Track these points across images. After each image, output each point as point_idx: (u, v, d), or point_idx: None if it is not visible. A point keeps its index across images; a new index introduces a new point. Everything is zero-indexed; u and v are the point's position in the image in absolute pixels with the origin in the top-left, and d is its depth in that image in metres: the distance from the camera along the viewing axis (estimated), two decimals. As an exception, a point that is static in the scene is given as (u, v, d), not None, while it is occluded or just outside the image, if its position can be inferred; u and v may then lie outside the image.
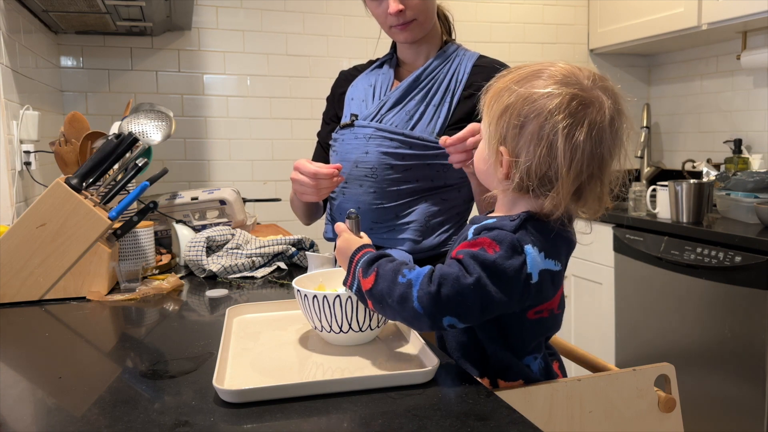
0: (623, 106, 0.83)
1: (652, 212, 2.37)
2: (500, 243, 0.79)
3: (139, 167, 1.43)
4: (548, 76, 0.81)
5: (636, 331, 2.38)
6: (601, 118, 0.79)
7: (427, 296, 0.76)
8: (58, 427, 0.71)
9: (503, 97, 0.82)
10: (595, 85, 0.81)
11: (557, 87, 0.79)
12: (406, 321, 0.80)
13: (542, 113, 0.79)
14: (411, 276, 0.79)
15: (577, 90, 0.79)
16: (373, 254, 0.85)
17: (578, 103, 0.79)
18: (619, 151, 0.83)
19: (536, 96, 0.80)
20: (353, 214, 0.93)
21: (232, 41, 2.67)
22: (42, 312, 1.22)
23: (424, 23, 1.34)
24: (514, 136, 0.81)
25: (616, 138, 0.82)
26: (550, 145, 0.78)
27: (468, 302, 0.77)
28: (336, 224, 0.94)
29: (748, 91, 2.72)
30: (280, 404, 0.74)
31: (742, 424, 1.95)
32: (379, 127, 1.32)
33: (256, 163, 2.73)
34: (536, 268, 0.80)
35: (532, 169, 0.80)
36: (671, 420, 0.93)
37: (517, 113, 0.80)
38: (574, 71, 0.82)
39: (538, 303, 0.84)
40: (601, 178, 0.82)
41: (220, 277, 1.48)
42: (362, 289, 0.83)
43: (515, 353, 0.87)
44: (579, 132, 0.78)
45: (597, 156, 0.80)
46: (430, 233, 1.34)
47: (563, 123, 0.78)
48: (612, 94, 0.82)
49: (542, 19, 3.09)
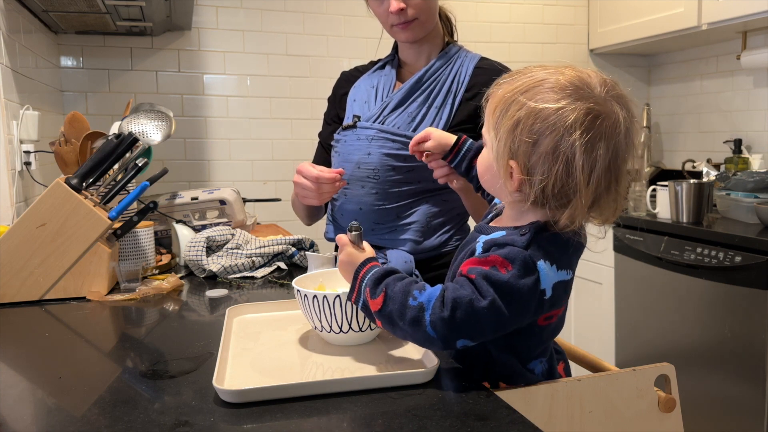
0: (634, 110, 0.81)
1: (652, 212, 2.37)
2: (512, 261, 0.77)
3: (139, 167, 1.43)
4: (559, 88, 0.77)
5: (636, 331, 2.38)
6: (618, 130, 0.77)
7: (440, 321, 0.75)
8: (58, 427, 0.71)
9: (511, 109, 0.79)
10: (608, 95, 0.78)
11: (571, 102, 0.76)
12: (417, 343, 0.80)
13: (557, 130, 0.76)
14: (422, 299, 0.77)
15: (591, 104, 0.77)
16: (379, 271, 0.83)
17: (594, 117, 0.76)
18: (632, 155, 0.81)
19: (549, 111, 0.76)
20: (355, 226, 0.90)
21: (232, 41, 2.67)
22: (42, 312, 1.22)
23: (425, 23, 1.34)
24: (526, 152, 0.78)
25: (631, 148, 0.80)
26: (566, 161, 0.76)
27: (482, 325, 0.76)
28: (337, 237, 0.92)
29: (748, 91, 2.72)
30: (280, 404, 0.74)
31: (742, 424, 1.95)
32: (381, 128, 1.33)
33: (256, 163, 2.73)
34: (549, 283, 0.79)
35: (549, 187, 0.77)
36: (671, 420, 0.93)
37: (528, 129, 0.77)
38: (584, 78, 0.79)
39: (550, 311, 0.84)
40: (617, 188, 0.80)
41: (220, 277, 1.48)
42: (370, 308, 0.82)
43: (521, 359, 0.86)
44: (597, 147, 0.76)
45: (614, 167, 0.78)
46: (431, 234, 1.34)
47: (581, 140, 0.75)
48: (625, 103, 0.79)
49: (542, 19, 3.09)
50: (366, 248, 0.90)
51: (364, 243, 0.90)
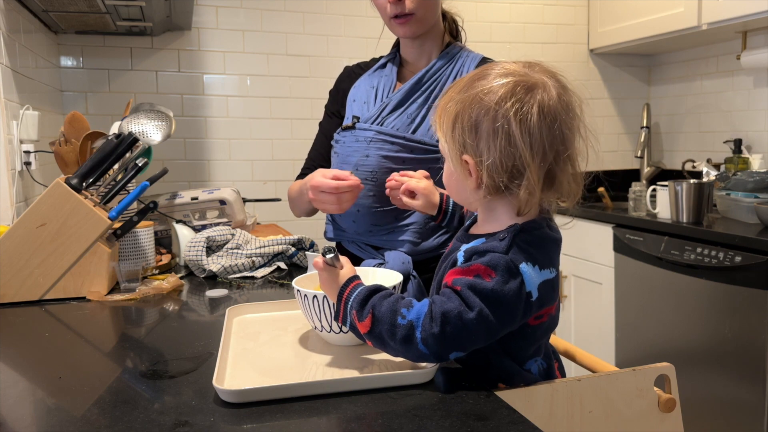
0: (566, 82, 0.84)
1: (652, 212, 2.37)
2: (495, 268, 0.78)
3: (139, 167, 1.43)
4: (489, 75, 0.82)
5: (636, 331, 2.38)
6: (548, 96, 0.80)
7: (431, 337, 0.76)
8: (58, 427, 0.71)
9: (450, 108, 0.83)
10: (533, 69, 0.83)
11: (498, 79, 0.81)
12: (410, 359, 0.80)
13: (491, 107, 0.79)
14: (411, 317, 0.77)
15: (518, 77, 0.81)
16: (363, 291, 0.82)
17: (522, 88, 0.80)
18: (576, 123, 0.83)
19: (481, 94, 0.80)
20: (327, 250, 0.86)
21: (232, 41, 2.67)
22: (42, 312, 1.22)
23: (422, 19, 1.33)
24: (472, 140, 0.81)
25: (569, 111, 0.82)
26: (507, 134, 0.79)
27: (473, 336, 0.76)
28: (314, 262, 0.88)
29: (748, 91, 2.72)
30: (280, 404, 0.74)
31: (742, 424, 1.95)
32: (380, 130, 1.32)
33: (256, 163, 2.73)
34: (534, 285, 0.80)
35: (498, 164, 0.80)
36: (671, 420, 0.93)
37: (467, 117, 0.81)
38: (511, 65, 0.84)
39: (540, 310, 0.84)
40: (568, 156, 0.82)
41: (220, 277, 1.48)
42: (358, 330, 0.81)
43: (517, 361, 0.86)
44: (530, 114, 0.79)
45: (557, 134, 0.80)
46: (429, 235, 1.34)
47: (513, 109, 0.78)
48: (552, 74, 0.83)
49: (542, 19, 3.09)
50: (345, 266, 0.87)
51: (343, 259, 0.88)
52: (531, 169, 0.79)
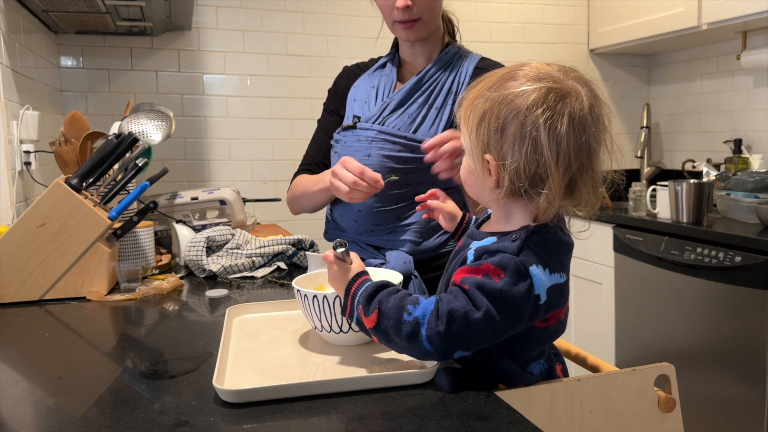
0: (599, 93, 0.83)
1: (652, 212, 2.37)
2: (504, 269, 0.77)
3: (139, 167, 1.43)
4: (521, 76, 0.81)
5: (636, 331, 2.38)
6: (580, 106, 0.79)
7: (437, 335, 0.75)
8: (58, 427, 0.71)
9: (478, 105, 0.81)
10: (568, 76, 0.81)
11: (531, 83, 0.79)
12: (414, 356, 0.80)
13: (521, 111, 0.78)
14: (417, 314, 0.77)
15: (551, 83, 0.79)
16: (370, 287, 0.82)
17: (555, 95, 0.78)
18: (604, 137, 0.82)
19: (512, 96, 0.79)
20: (338, 244, 0.87)
21: (232, 41, 2.67)
22: (42, 312, 1.22)
23: (428, 23, 1.33)
24: (497, 141, 0.80)
25: (599, 124, 0.81)
26: (534, 141, 0.77)
27: (478, 336, 0.76)
28: (324, 255, 0.89)
29: (748, 91, 2.72)
30: (280, 404, 0.74)
31: (742, 424, 1.95)
32: (381, 129, 1.32)
33: (256, 163, 2.73)
34: (543, 288, 0.79)
35: (521, 169, 0.79)
36: (671, 420, 0.93)
37: (495, 117, 0.79)
38: (545, 67, 0.82)
39: (548, 314, 0.84)
40: (592, 168, 0.81)
41: (220, 277, 1.48)
42: (364, 325, 0.81)
43: (519, 363, 0.86)
44: (561, 123, 0.77)
45: (583, 145, 0.79)
46: (431, 235, 1.34)
47: (543, 117, 0.77)
48: (585, 82, 0.82)
49: (542, 19, 3.09)
50: (354, 261, 0.87)
51: (352, 254, 0.88)
52: (553, 178, 0.78)
